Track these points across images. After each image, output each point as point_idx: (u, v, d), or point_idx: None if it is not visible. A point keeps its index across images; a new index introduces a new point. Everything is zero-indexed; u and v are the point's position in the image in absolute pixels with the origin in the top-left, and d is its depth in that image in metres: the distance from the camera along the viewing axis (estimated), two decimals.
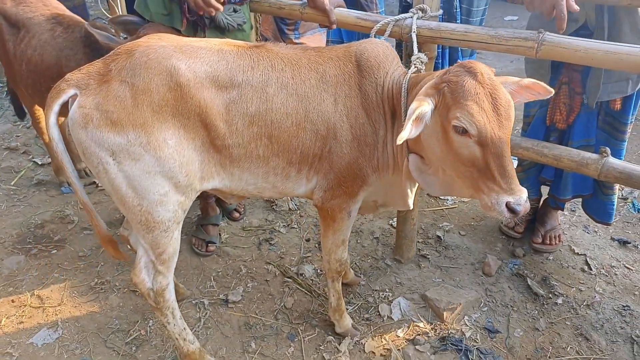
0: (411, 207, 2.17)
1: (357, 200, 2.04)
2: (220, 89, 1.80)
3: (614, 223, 3.09)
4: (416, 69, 1.92)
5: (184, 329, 2.15)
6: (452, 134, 1.58)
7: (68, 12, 2.94)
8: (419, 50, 2.07)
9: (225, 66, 1.81)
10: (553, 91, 1.69)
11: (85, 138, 1.72)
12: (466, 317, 2.47)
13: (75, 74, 1.78)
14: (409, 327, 2.43)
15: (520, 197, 1.53)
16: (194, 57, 1.79)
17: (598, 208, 2.64)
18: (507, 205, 1.53)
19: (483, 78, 1.55)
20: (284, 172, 1.96)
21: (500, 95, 1.55)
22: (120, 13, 3.64)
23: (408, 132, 1.54)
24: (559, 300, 2.56)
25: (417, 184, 2.06)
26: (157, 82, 1.72)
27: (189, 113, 1.76)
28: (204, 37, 2.41)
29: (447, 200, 3.37)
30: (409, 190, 2.08)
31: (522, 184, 2.80)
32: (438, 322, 2.45)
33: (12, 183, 3.61)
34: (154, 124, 1.72)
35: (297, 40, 3.44)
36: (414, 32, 2.13)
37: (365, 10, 3.50)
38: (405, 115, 1.73)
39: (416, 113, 1.56)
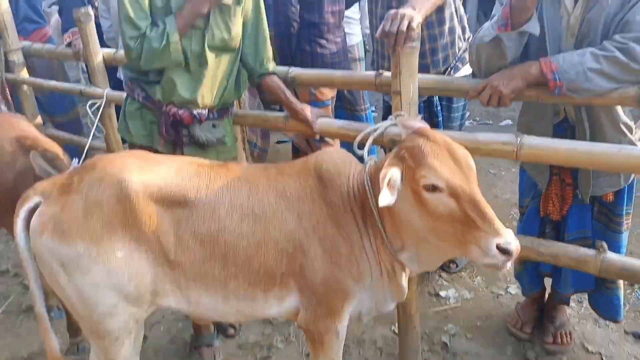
0: (405, 296, 2.06)
1: (343, 318, 1.95)
2: (171, 205, 1.84)
3: (624, 314, 2.95)
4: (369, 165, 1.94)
5: None
6: (424, 195, 1.62)
7: (33, 134, 2.87)
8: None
9: (179, 183, 1.86)
10: None
11: (39, 246, 1.81)
12: None
13: (44, 183, 1.91)
14: None
15: (509, 236, 1.53)
16: (149, 172, 1.86)
17: (604, 303, 2.51)
18: (498, 246, 1.52)
19: (435, 137, 1.68)
20: (247, 294, 1.90)
21: (455, 149, 1.67)
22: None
23: (387, 194, 1.59)
24: None
25: (409, 272, 2.01)
26: (108, 194, 1.79)
27: (139, 225, 1.80)
28: (182, 154, 2.46)
29: (450, 298, 3.24)
30: (403, 282, 2.00)
31: (521, 278, 2.73)
32: None
33: (0, 311, 3.49)
34: (103, 235, 1.78)
35: None
36: (373, 135, 2.14)
37: (351, 104, 3.67)
38: (376, 206, 1.78)
39: (388, 176, 1.61)
